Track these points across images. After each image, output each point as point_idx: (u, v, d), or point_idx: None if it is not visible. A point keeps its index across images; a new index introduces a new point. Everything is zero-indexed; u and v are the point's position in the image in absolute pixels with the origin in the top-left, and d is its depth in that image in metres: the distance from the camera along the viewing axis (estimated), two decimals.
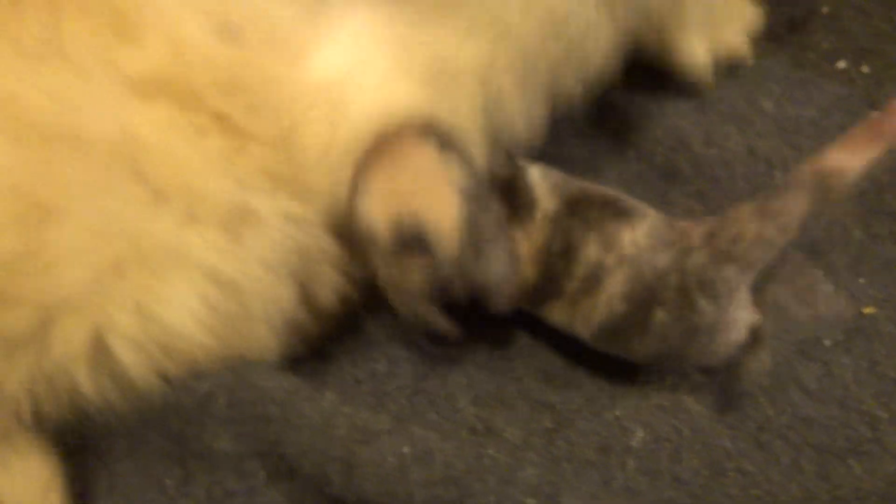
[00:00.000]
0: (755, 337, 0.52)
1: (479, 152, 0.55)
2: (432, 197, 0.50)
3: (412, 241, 0.49)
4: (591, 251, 0.52)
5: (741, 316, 0.51)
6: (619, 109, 0.69)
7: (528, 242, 0.54)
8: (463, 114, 0.54)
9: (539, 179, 0.56)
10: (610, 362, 0.55)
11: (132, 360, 0.48)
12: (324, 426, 0.50)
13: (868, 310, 0.58)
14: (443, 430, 0.54)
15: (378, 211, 0.50)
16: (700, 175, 0.65)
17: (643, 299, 0.51)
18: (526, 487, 0.49)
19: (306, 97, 0.51)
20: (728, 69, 0.71)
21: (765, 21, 0.72)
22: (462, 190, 0.50)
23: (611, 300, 0.52)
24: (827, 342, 0.57)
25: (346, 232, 0.52)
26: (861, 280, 0.60)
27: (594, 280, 0.52)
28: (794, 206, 0.50)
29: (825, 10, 0.75)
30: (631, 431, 0.54)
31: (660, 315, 0.51)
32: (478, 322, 0.56)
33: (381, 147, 0.50)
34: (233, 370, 0.52)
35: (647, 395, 0.56)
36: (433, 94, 0.53)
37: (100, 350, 0.48)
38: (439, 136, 0.51)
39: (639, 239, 0.52)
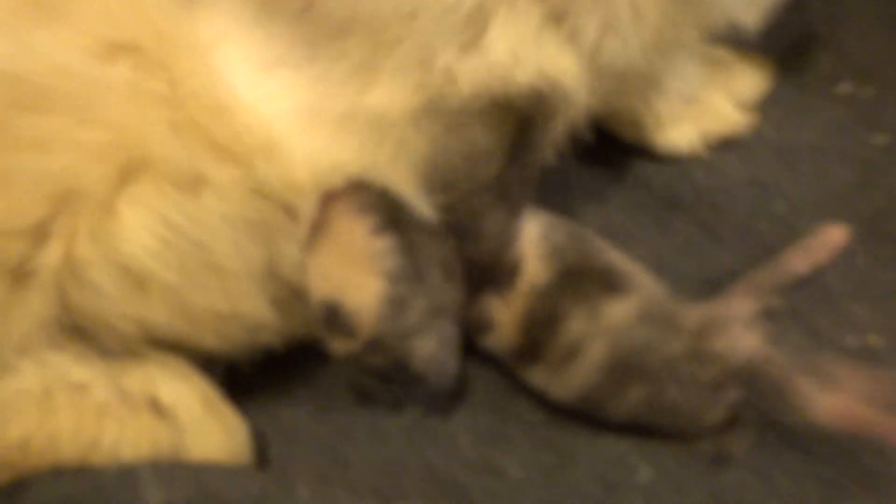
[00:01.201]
0: (732, 415, 0.52)
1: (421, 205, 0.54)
2: (356, 282, 0.51)
3: (336, 321, 0.51)
4: (575, 324, 0.52)
5: (716, 397, 0.51)
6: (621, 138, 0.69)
7: (508, 310, 0.54)
8: (393, 163, 0.53)
9: (536, 243, 0.55)
10: None
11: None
12: None
13: (872, 338, 0.58)
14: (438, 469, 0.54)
15: (314, 287, 0.52)
16: (701, 203, 0.65)
17: (620, 372, 0.51)
18: None
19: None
20: None
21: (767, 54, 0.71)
22: (390, 275, 0.51)
23: (589, 370, 0.52)
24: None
25: None
26: (864, 307, 0.59)
27: (575, 349, 0.52)
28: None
29: (824, 31, 0.74)
30: (635, 467, 0.53)
31: (635, 390, 0.51)
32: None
33: (322, 218, 0.51)
34: (191, 476, 0.48)
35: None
36: (357, 143, 0.52)
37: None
38: (379, 210, 0.51)
39: (625, 312, 0.52)
